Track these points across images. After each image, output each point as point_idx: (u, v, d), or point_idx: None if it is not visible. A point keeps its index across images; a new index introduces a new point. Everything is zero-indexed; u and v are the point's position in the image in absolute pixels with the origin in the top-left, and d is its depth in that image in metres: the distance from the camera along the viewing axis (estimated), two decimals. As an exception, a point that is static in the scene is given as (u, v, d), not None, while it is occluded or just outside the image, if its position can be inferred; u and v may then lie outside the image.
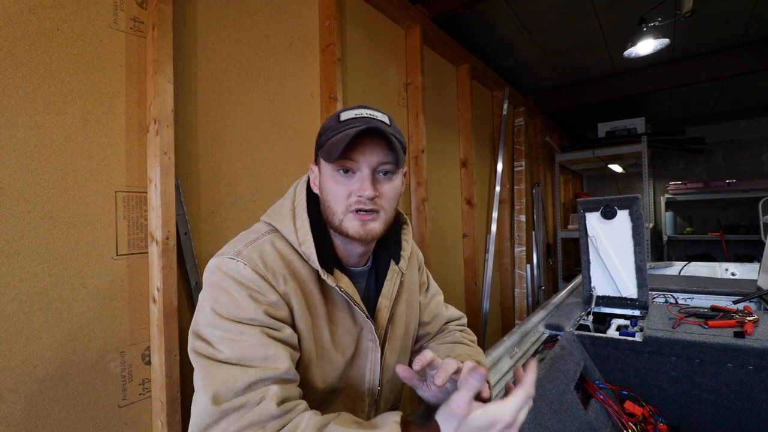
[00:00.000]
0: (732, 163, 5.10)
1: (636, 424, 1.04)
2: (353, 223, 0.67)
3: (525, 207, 3.58)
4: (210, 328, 0.60)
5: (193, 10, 1.28)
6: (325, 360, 0.70)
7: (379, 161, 0.67)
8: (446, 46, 2.56)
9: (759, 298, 1.47)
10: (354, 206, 0.66)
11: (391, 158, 0.67)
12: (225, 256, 0.65)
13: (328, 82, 1.70)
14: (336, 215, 0.68)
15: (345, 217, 0.67)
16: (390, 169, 0.68)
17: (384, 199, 0.68)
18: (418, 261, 0.93)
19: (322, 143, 0.69)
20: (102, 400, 1.04)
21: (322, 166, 0.70)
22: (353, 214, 0.67)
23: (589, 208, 1.45)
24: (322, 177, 0.70)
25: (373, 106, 0.71)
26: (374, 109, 0.70)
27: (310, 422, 0.54)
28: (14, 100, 0.91)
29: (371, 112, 0.69)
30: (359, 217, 0.67)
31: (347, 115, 0.68)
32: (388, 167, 0.68)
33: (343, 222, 0.67)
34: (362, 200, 0.66)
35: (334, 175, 0.67)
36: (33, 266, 0.93)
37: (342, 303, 0.72)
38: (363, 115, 0.68)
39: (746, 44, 3.13)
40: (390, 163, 0.68)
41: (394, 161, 0.67)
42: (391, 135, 0.65)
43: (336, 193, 0.67)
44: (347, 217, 0.67)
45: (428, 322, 0.90)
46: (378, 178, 0.68)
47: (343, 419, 0.56)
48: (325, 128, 0.70)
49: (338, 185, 0.67)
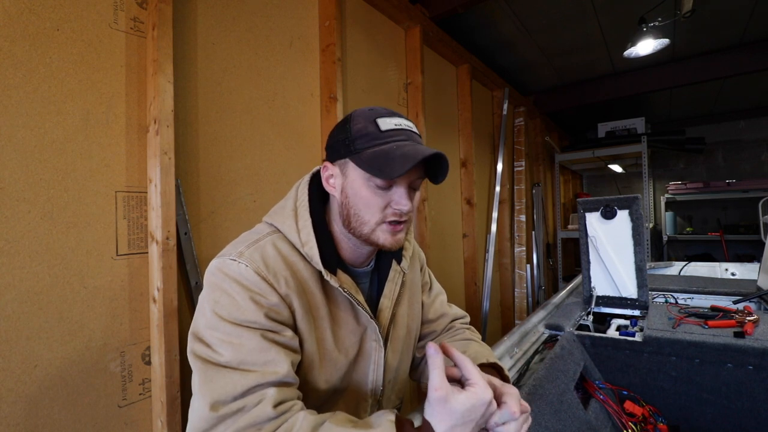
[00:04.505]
0: (732, 163, 5.10)
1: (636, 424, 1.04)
2: (385, 234, 0.67)
3: (525, 207, 3.59)
4: (210, 330, 0.60)
5: (193, 10, 1.28)
6: (327, 361, 0.69)
7: (417, 176, 0.69)
8: (446, 46, 2.56)
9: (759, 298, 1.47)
10: (390, 218, 0.67)
11: (423, 174, 0.70)
12: (226, 257, 0.64)
13: (328, 82, 1.70)
14: (367, 224, 0.67)
15: (378, 227, 0.67)
16: (419, 184, 0.71)
17: (413, 210, 0.70)
18: (420, 261, 0.93)
19: (358, 149, 0.65)
20: (102, 400, 1.04)
21: (351, 170, 0.68)
22: (387, 225, 0.67)
23: (589, 208, 1.45)
24: (351, 182, 0.68)
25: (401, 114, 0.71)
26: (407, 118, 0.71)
27: (304, 422, 0.54)
28: (14, 100, 0.91)
29: (408, 123, 0.68)
30: (392, 228, 0.67)
31: (386, 124, 0.66)
32: (419, 182, 0.70)
33: (375, 232, 0.67)
34: (398, 213, 0.67)
35: (371, 185, 0.66)
36: (33, 266, 0.93)
37: (345, 304, 0.72)
38: (402, 126, 0.67)
39: (746, 44, 3.13)
40: (421, 178, 0.70)
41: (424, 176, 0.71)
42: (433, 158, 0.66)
43: (371, 204, 0.66)
44: (380, 227, 0.67)
45: (434, 320, 0.90)
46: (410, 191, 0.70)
47: (337, 418, 0.56)
48: (361, 133, 0.66)
49: (376, 196, 0.66)
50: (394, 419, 0.54)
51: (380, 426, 0.54)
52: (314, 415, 0.56)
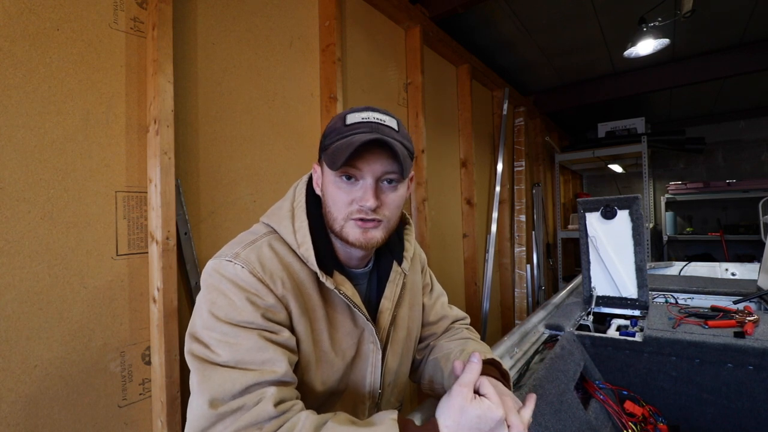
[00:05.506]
0: (732, 163, 5.10)
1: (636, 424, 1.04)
2: (354, 231, 0.66)
3: (525, 207, 3.58)
4: (207, 331, 0.60)
5: (193, 10, 1.28)
6: (324, 363, 0.69)
7: (383, 170, 0.65)
8: (446, 46, 2.56)
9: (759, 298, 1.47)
10: (355, 215, 0.65)
11: (396, 168, 0.65)
12: (223, 259, 0.64)
13: (328, 82, 1.70)
14: (336, 221, 0.67)
15: (346, 223, 0.66)
16: (395, 178, 0.66)
17: (387, 209, 0.67)
18: (421, 262, 0.92)
19: (326, 146, 0.67)
20: (102, 400, 1.04)
21: (325, 169, 0.68)
22: (354, 221, 0.65)
23: (589, 208, 1.45)
24: (325, 180, 0.69)
25: (381, 108, 0.69)
26: (383, 112, 0.68)
27: (306, 421, 0.54)
28: (14, 100, 0.91)
29: (379, 116, 0.66)
30: (360, 224, 0.65)
31: (354, 117, 0.66)
32: (392, 176, 0.66)
33: (344, 228, 0.66)
34: (363, 209, 0.64)
35: (336, 180, 0.66)
36: (33, 266, 0.93)
37: (342, 305, 0.71)
38: (370, 119, 0.65)
39: (746, 44, 3.13)
40: (395, 173, 0.65)
41: (399, 171, 0.65)
42: (399, 143, 0.64)
43: (337, 199, 0.66)
44: (348, 223, 0.66)
45: (434, 322, 0.90)
46: (382, 187, 0.66)
47: (340, 418, 0.56)
48: (330, 130, 0.68)
49: (340, 191, 0.66)
50: (396, 417, 0.55)
51: (382, 424, 0.54)
52: (316, 415, 0.56)
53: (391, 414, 0.55)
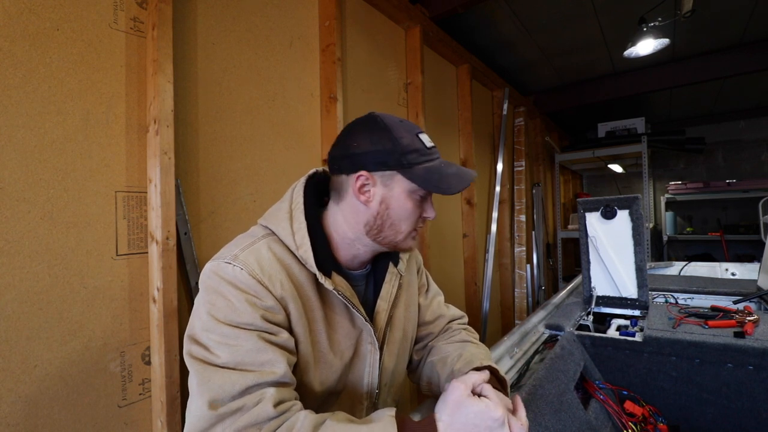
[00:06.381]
0: (732, 163, 5.10)
1: (636, 424, 1.04)
2: (413, 241, 0.74)
3: (525, 207, 3.58)
4: (206, 332, 0.60)
5: (193, 10, 1.28)
6: (322, 363, 0.69)
7: None
8: (446, 46, 2.56)
9: (759, 298, 1.47)
10: (419, 225, 0.73)
11: None
12: (221, 260, 0.64)
13: (328, 82, 1.70)
14: (401, 233, 0.72)
15: (409, 235, 0.73)
16: None
17: None
18: (417, 263, 0.92)
19: (410, 163, 0.68)
20: (102, 400, 1.04)
21: (399, 182, 0.69)
22: (415, 232, 0.73)
23: (589, 208, 1.45)
24: (397, 194, 0.69)
25: None
26: None
27: (305, 421, 0.54)
28: (14, 100, 0.91)
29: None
30: (417, 234, 0.74)
31: (427, 140, 0.72)
32: None
33: (407, 239, 0.73)
34: (426, 221, 0.74)
35: (413, 197, 0.70)
36: (33, 266, 0.93)
37: (340, 306, 0.72)
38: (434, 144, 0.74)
39: (746, 44, 3.13)
40: None
41: None
42: None
43: (412, 215, 0.71)
44: (411, 234, 0.73)
45: (431, 321, 0.90)
46: None
47: (338, 417, 0.56)
48: (411, 147, 0.68)
49: (417, 208, 0.71)
50: (393, 414, 0.55)
51: (380, 421, 0.54)
52: (315, 414, 0.57)
53: (389, 411, 0.56)
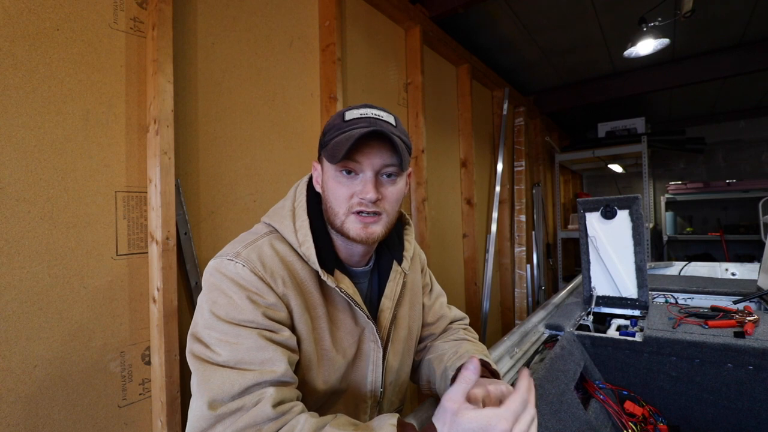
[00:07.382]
0: (732, 163, 5.10)
1: (636, 424, 1.04)
2: (354, 225, 0.66)
3: (525, 207, 3.58)
4: (207, 330, 0.60)
5: (193, 10, 1.28)
6: (325, 361, 0.69)
7: (382, 163, 0.66)
8: (446, 46, 2.56)
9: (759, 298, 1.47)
10: (356, 208, 0.66)
11: (395, 160, 0.66)
12: (224, 258, 0.64)
13: (328, 82, 1.70)
14: (337, 216, 0.67)
15: (347, 218, 0.67)
16: (394, 172, 0.68)
17: (386, 202, 0.68)
18: (421, 262, 0.92)
19: (325, 142, 0.68)
20: (102, 400, 1.04)
21: (325, 165, 0.70)
22: (355, 215, 0.66)
23: (589, 208, 1.45)
24: (325, 176, 0.70)
25: (378, 106, 0.70)
26: (380, 109, 0.69)
27: (306, 424, 0.53)
28: (14, 100, 0.91)
29: (377, 112, 0.68)
30: (361, 219, 0.66)
31: (352, 114, 0.67)
32: (391, 169, 0.67)
33: (345, 223, 0.67)
34: (364, 202, 0.65)
35: (336, 175, 0.67)
36: (33, 266, 0.93)
37: (343, 304, 0.72)
38: (368, 115, 0.67)
39: (746, 44, 3.13)
40: (394, 165, 0.67)
41: (398, 164, 0.66)
42: (397, 137, 0.64)
43: (338, 194, 0.67)
44: (349, 218, 0.67)
45: (433, 322, 0.90)
46: (381, 181, 0.67)
47: (339, 421, 0.55)
48: (329, 127, 0.69)
49: (341, 186, 0.66)
50: (395, 422, 0.54)
51: (382, 429, 0.53)
52: (316, 417, 0.56)
53: (391, 419, 0.54)
